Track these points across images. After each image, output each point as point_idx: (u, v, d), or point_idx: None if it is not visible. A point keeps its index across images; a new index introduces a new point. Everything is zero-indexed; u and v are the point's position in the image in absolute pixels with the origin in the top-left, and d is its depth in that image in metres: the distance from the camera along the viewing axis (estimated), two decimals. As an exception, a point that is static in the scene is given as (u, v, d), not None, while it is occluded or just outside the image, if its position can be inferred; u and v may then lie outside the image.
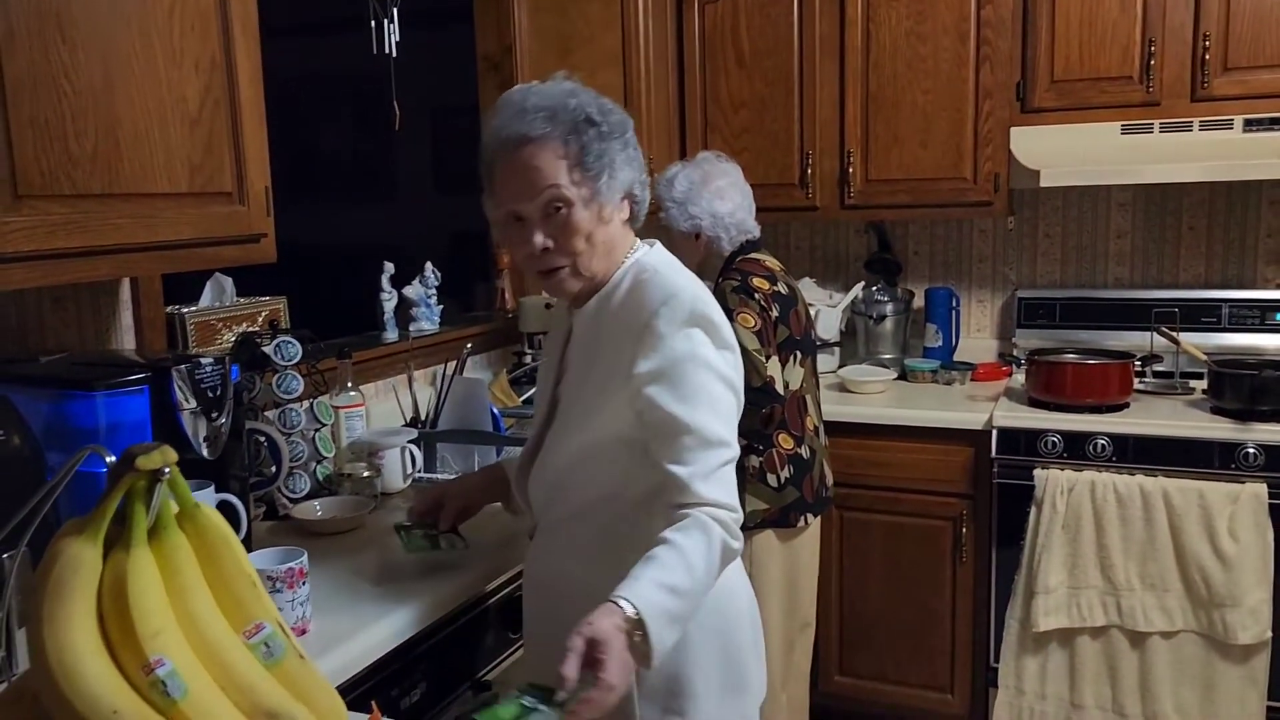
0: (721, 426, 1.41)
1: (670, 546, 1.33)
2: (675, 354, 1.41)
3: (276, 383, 2.05)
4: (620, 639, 1.22)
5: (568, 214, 1.43)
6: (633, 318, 1.45)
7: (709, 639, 1.53)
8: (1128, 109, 2.94)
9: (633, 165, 1.48)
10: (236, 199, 1.72)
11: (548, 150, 1.42)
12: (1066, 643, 2.81)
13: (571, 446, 1.52)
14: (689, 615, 1.34)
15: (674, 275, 1.49)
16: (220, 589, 0.88)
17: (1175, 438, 2.70)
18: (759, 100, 3.31)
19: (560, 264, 1.47)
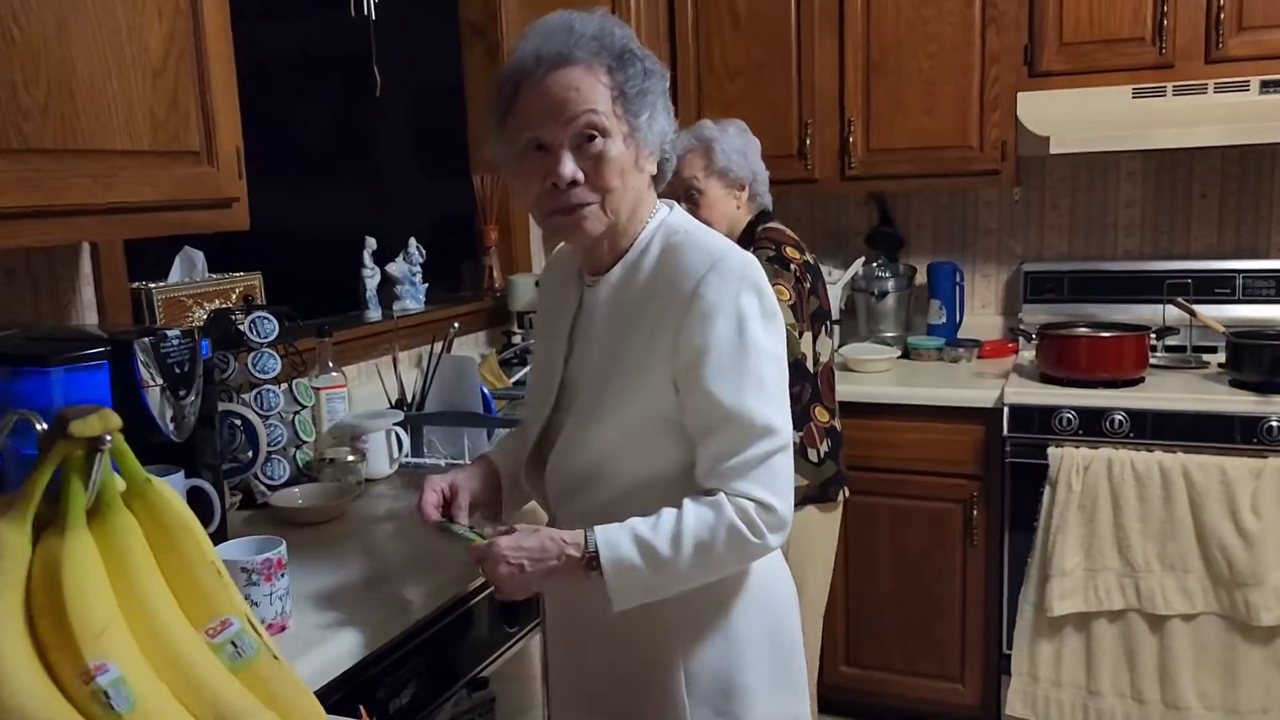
0: (771, 411, 1.29)
1: (670, 512, 1.27)
2: (726, 327, 1.28)
3: (252, 362, 1.91)
4: (554, 546, 1.26)
5: (605, 145, 1.29)
6: (673, 285, 1.30)
7: (759, 635, 1.42)
8: (1139, 72, 2.82)
9: (668, 116, 1.35)
10: (204, 159, 1.57)
11: (591, 75, 1.28)
12: (1083, 627, 2.70)
13: (607, 433, 1.36)
14: (661, 588, 1.28)
15: (711, 237, 1.36)
16: (178, 579, 0.74)
17: (1195, 412, 2.59)
18: (755, 67, 3.18)
19: (587, 200, 1.30)
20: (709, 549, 1.25)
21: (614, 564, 1.25)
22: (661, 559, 1.24)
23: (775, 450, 1.28)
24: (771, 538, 1.28)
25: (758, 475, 1.27)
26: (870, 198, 3.47)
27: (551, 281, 1.54)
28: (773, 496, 1.27)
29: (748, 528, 1.26)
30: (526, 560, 1.27)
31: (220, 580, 0.77)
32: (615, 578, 1.25)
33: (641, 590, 1.27)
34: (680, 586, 1.29)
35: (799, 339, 2.21)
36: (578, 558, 1.26)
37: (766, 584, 1.44)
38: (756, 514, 1.26)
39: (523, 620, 1.81)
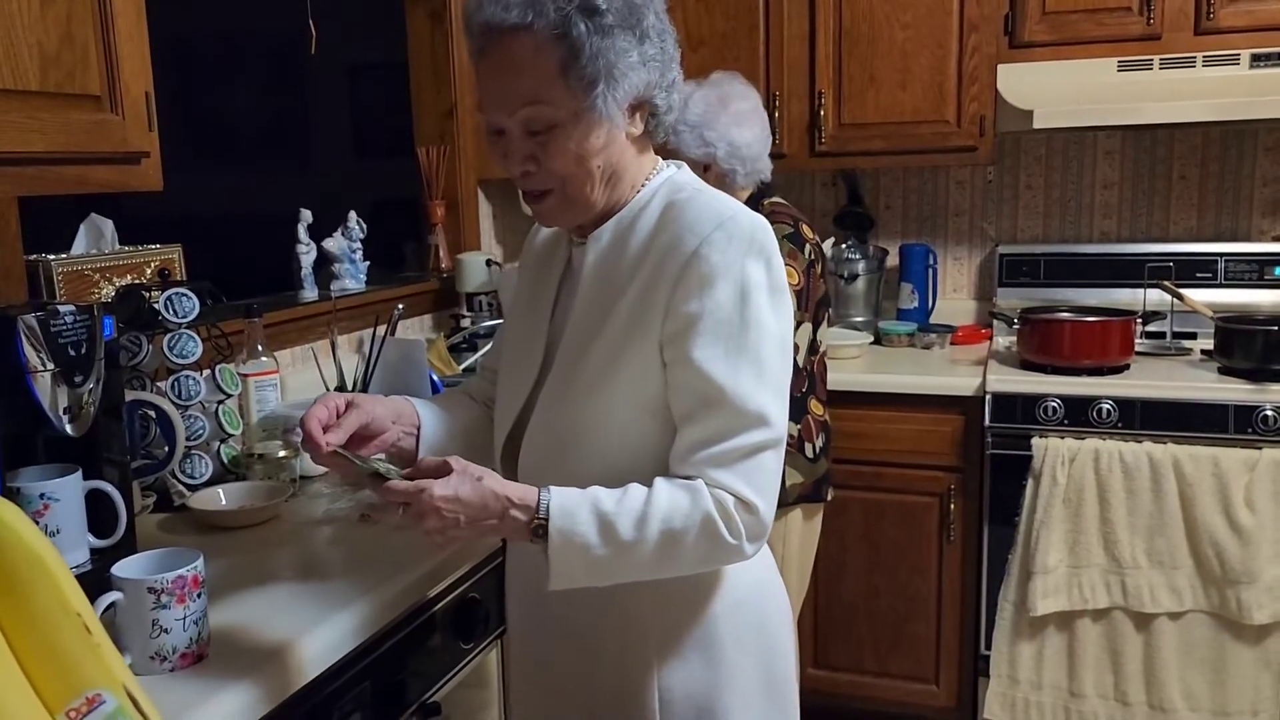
0: (767, 398, 1.10)
1: (639, 489, 1.09)
2: (727, 295, 1.10)
3: (168, 345, 1.68)
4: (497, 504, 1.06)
5: (552, 133, 1.11)
6: (673, 246, 1.12)
7: (746, 654, 1.23)
8: (1126, 43, 2.69)
9: (649, 65, 1.13)
10: (107, 105, 1.34)
11: (528, 45, 1.09)
12: (1065, 627, 2.57)
13: (583, 410, 1.16)
14: (612, 573, 1.10)
15: (721, 197, 1.18)
16: (28, 641, 0.53)
17: (1186, 401, 2.47)
18: (719, 37, 3.00)
19: (546, 187, 1.16)
20: (677, 540, 1.08)
21: (563, 538, 1.07)
22: (621, 541, 1.07)
23: (767, 444, 1.10)
24: (748, 543, 1.11)
25: (743, 468, 1.09)
26: (839, 176, 3.31)
27: (538, 240, 1.35)
28: (757, 496, 1.09)
29: (725, 524, 1.08)
30: (463, 515, 1.07)
31: (86, 641, 0.55)
32: (561, 553, 1.07)
33: (588, 572, 1.10)
34: (634, 575, 1.12)
35: (796, 329, 2.03)
36: (524, 521, 1.08)
37: (757, 596, 1.27)
38: (736, 511, 1.08)
39: (479, 634, 1.61)
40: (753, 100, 2.17)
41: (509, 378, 1.29)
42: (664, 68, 1.15)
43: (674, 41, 1.17)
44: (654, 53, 1.14)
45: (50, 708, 0.53)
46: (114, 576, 1.11)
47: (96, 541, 1.28)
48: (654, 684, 1.21)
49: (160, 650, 1.11)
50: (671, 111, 1.19)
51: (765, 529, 1.12)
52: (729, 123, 2.11)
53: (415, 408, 1.32)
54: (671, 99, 1.18)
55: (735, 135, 2.11)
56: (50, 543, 0.57)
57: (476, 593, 1.58)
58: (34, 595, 0.54)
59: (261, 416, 1.88)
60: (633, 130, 1.16)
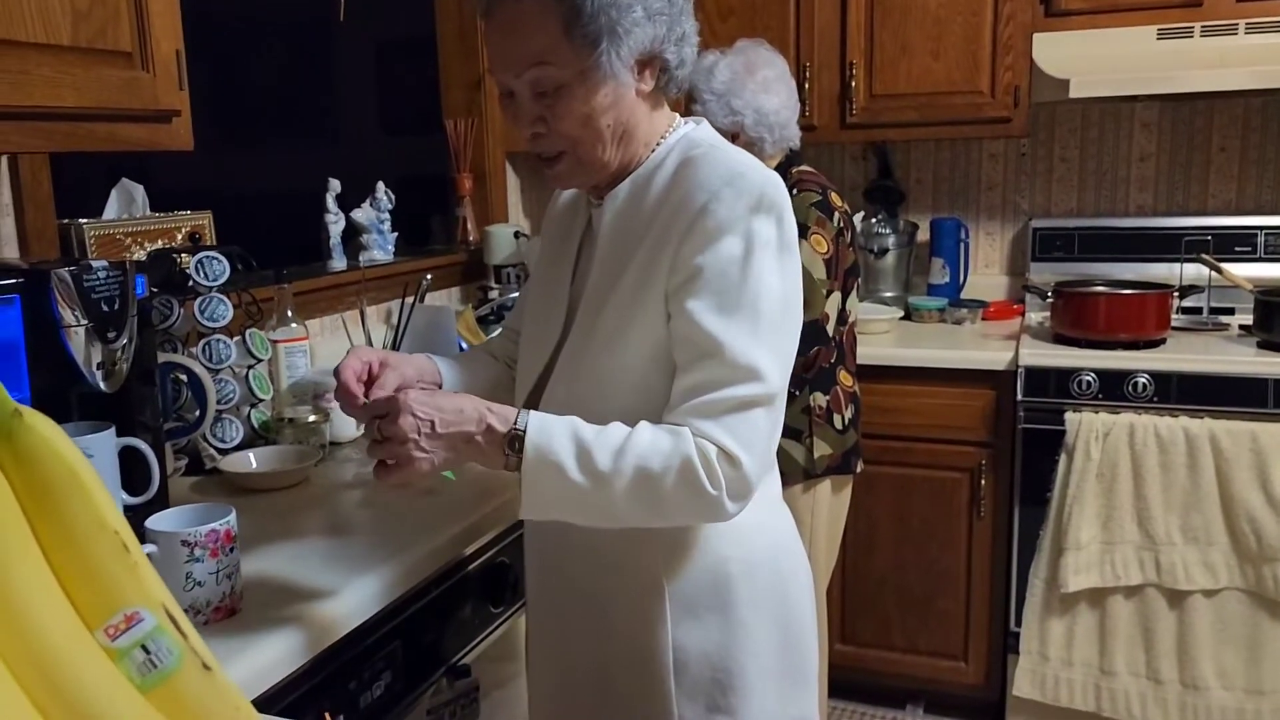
0: (760, 354, 1.07)
1: (620, 425, 1.06)
2: (730, 249, 1.07)
3: (199, 308, 1.68)
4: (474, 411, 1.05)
5: (559, 94, 1.10)
6: (683, 202, 1.11)
7: (764, 619, 1.22)
8: (1165, 10, 2.63)
9: (655, 19, 1.10)
10: (138, 62, 1.34)
11: (530, 6, 1.08)
12: (1097, 604, 2.54)
13: (599, 365, 1.16)
14: (585, 507, 1.07)
15: (736, 153, 1.15)
16: (64, 557, 0.52)
17: (1224, 375, 2.42)
18: (748, 7, 2.96)
19: (556, 149, 1.15)
20: (654, 481, 1.04)
21: (538, 454, 1.04)
22: (596, 470, 1.04)
23: (756, 399, 1.06)
24: (728, 498, 1.06)
25: (729, 421, 1.05)
26: (869, 149, 3.27)
27: (560, 202, 1.34)
28: (741, 449, 1.05)
29: (705, 472, 1.04)
30: (437, 418, 1.05)
31: (125, 558, 0.54)
32: (534, 471, 1.04)
33: (560, 500, 1.07)
34: (610, 515, 1.08)
35: (825, 298, 2.01)
36: (500, 432, 1.05)
37: (776, 560, 1.25)
38: (718, 461, 1.05)
39: (509, 599, 1.60)
40: (779, 67, 2.15)
41: (531, 338, 1.29)
42: (672, 21, 1.13)
43: None
44: (660, 6, 1.11)
45: (88, 624, 0.52)
46: (148, 529, 1.11)
47: (129, 499, 1.28)
48: (668, 643, 1.20)
49: (193, 603, 1.11)
50: (684, 65, 1.16)
51: (749, 486, 1.07)
52: (755, 90, 2.09)
53: (437, 365, 1.32)
54: (683, 52, 1.15)
55: (762, 102, 2.08)
56: (85, 460, 0.56)
57: (506, 557, 1.58)
58: (70, 510, 0.53)
59: (292, 382, 1.88)
60: (643, 87, 1.14)
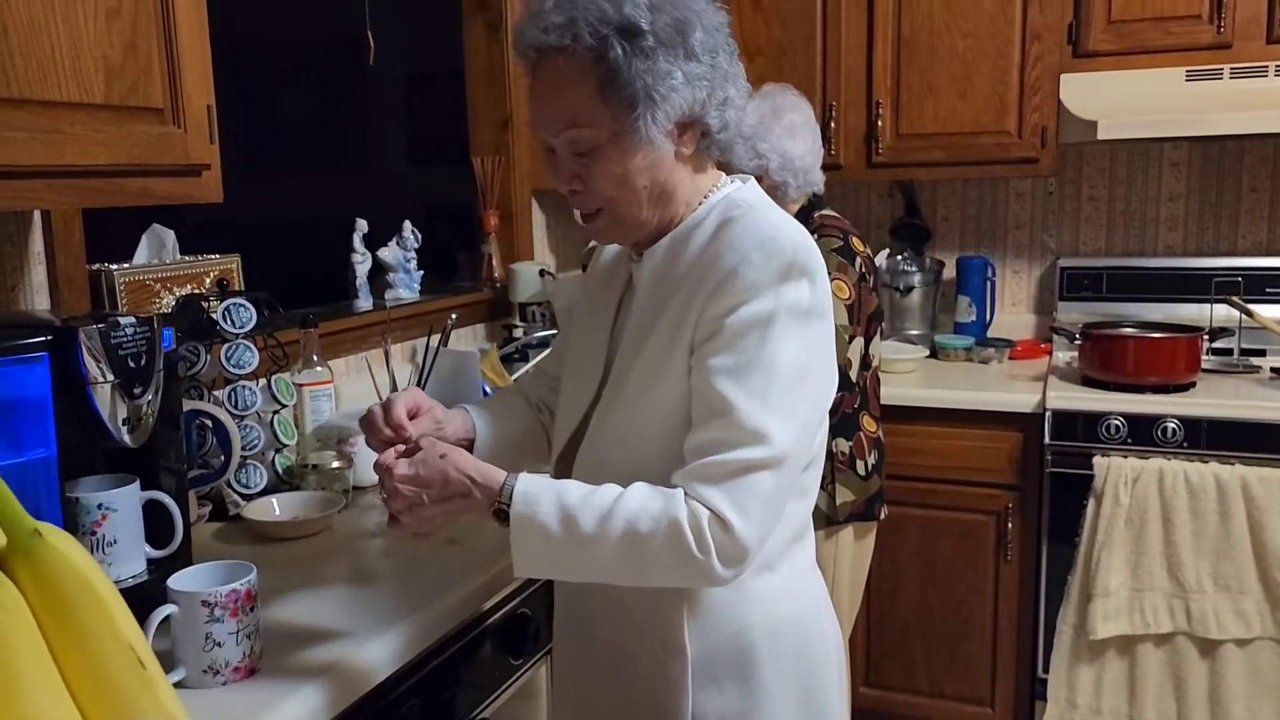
0: (770, 418, 1.06)
1: (612, 487, 1.08)
2: (753, 311, 1.07)
3: (226, 355, 1.69)
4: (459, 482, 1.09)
5: (594, 155, 1.12)
6: (714, 263, 1.11)
7: (787, 687, 1.21)
8: (1194, 52, 2.62)
9: (695, 84, 1.10)
10: (170, 118, 1.35)
11: (569, 68, 1.09)
12: (1126, 651, 2.50)
13: (627, 421, 1.16)
14: (575, 568, 1.11)
15: (772, 214, 1.15)
16: (79, 670, 0.52)
17: (1255, 421, 2.39)
18: (777, 47, 2.97)
19: (593, 207, 1.16)
20: (641, 544, 1.05)
21: (523, 523, 1.08)
22: (582, 535, 1.06)
23: (760, 462, 1.05)
24: (719, 563, 1.05)
25: (729, 485, 1.05)
26: (895, 187, 3.26)
27: (605, 256, 1.35)
28: (736, 515, 1.04)
29: (693, 536, 1.04)
30: (426, 494, 1.10)
31: (138, 672, 0.54)
32: (521, 538, 1.08)
33: (549, 562, 1.11)
34: (603, 573, 1.10)
35: (848, 343, 2.00)
36: (484, 503, 1.09)
37: (802, 627, 1.23)
38: (709, 526, 1.04)
39: (529, 649, 1.60)
40: (805, 112, 2.16)
41: (570, 390, 1.30)
42: (714, 86, 1.12)
43: (729, 57, 1.14)
44: (702, 71, 1.11)
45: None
46: (169, 589, 1.12)
47: (153, 552, 1.29)
48: (687, 708, 1.19)
49: (213, 664, 1.12)
50: (727, 129, 1.16)
51: (743, 551, 1.05)
52: (782, 134, 2.10)
53: (473, 418, 1.34)
54: (726, 116, 1.15)
55: (788, 147, 2.09)
56: (102, 570, 0.56)
57: (527, 608, 1.57)
58: (87, 626, 0.54)
59: (316, 426, 1.89)
60: (683, 150, 1.15)
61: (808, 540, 1.27)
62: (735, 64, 1.15)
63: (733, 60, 1.15)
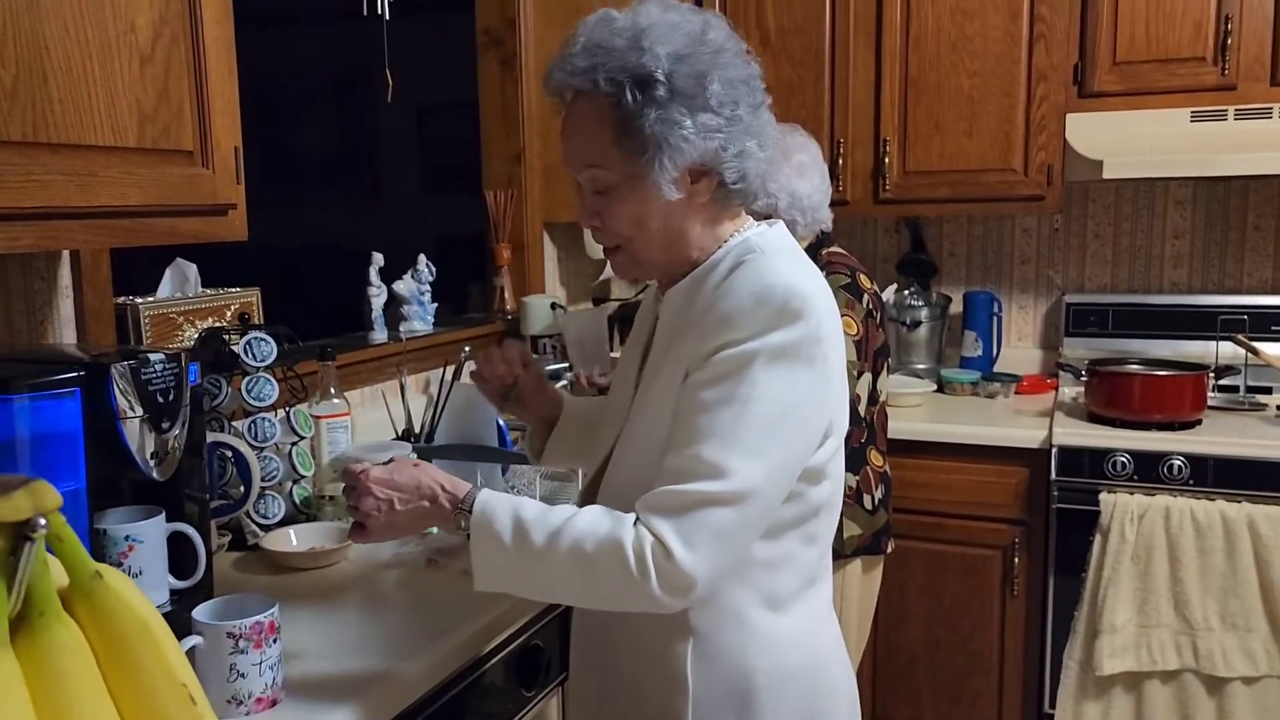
0: (732, 455, 1.08)
1: (568, 508, 1.13)
2: (740, 353, 1.10)
3: (246, 388, 1.72)
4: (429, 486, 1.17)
5: (610, 195, 1.17)
6: (714, 305, 1.15)
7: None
8: (1199, 93, 2.66)
9: (708, 136, 1.13)
10: (199, 160, 1.39)
11: (589, 110, 1.15)
12: (1134, 687, 2.51)
13: (635, 458, 1.21)
14: (527, 583, 1.15)
15: (781, 261, 1.18)
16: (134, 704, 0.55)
17: (1262, 459, 2.41)
18: (785, 85, 3.02)
19: (611, 245, 1.23)
20: (586, 562, 1.09)
21: (480, 530, 1.13)
22: (531, 548, 1.11)
23: (713, 497, 1.07)
24: (660, 589, 1.07)
25: (678, 516, 1.08)
26: (902, 223, 3.30)
27: (649, 292, 1.40)
28: (680, 544, 1.07)
29: (635, 560, 1.07)
30: (396, 497, 1.18)
31: (188, 708, 0.57)
32: (477, 547, 1.14)
33: (503, 574, 1.15)
34: (550, 592, 1.17)
35: (856, 379, 2.03)
36: (448, 508, 1.17)
37: (811, 675, 1.24)
38: (652, 552, 1.07)
39: (541, 681, 1.62)
40: (813, 152, 2.21)
41: (605, 422, 1.35)
42: (729, 139, 1.14)
43: (752, 110, 1.16)
44: (717, 123, 1.13)
45: (157, 774, 0.56)
46: (195, 621, 1.15)
47: (176, 583, 1.32)
48: None
49: (237, 694, 1.14)
50: (745, 179, 1.18)
51: (688, 580, 1.07)
52: (790, 174, 2.14)
53: (564, 401, 1.50)
54: (745, 167, 1.17)
55: (796, 186, 2.13)
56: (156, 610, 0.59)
57: (540, 640, 1.59)
58: (142, 664, 0.56)
59: (333, 458, 1.92)
60: (698, 198, 1.18)
61: (822, 587, 1.27)
62: (759, 116, 1.18)
63: (756, 113, 1.17)
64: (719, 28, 1.16)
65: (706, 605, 1.17)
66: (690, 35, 1.13)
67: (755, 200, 1.24)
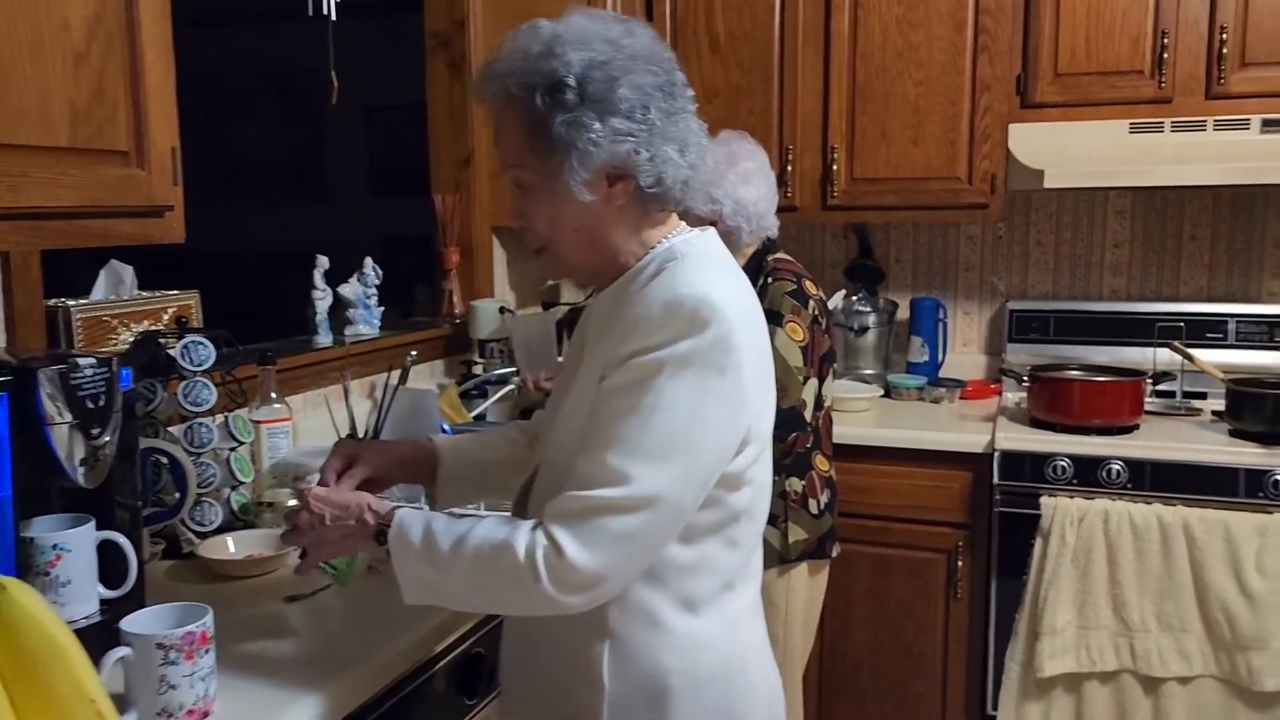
0: (634, 463, 1.09)
1: (472, 518, 1.17)
2: (649, 361, 1.12)
3: (183, 393, 1.69)
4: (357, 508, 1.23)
5: (529, 195, 1.21)
6: (630, 310, 1.16)
7: None
8: (1137, 106, 2.72)
9: (619, 140, 1.14)
10: (134, 160, 1.36)
11: (507, 114, 1.19)
12: (1073, 688, 2.55)
13: (555, 463, 1.23)
14: (442, 591, 1.19)
15: (699, 268, 1.19)
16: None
17: (1197, 464, 2.46)
18: (734, 90, 3.03)
19: (538, 244, 1.25)
20: (486, 568, 1.13)
21: (398, 543, 1.18)
22: (439, 556, 1.15)
23: (615, 505, 1.09)
24: (556, 590, 1.09)
25: (577, 523, 1.10)
26: (850, 229, 3.33)
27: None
28: (576, 547, 1.08)
29: (528, 565, 1.09)
30: (329, 513, 1.24)
31: (103, 725, 0.56)
32: (398, 560, 1.18)
33: (425, 586, 1.18)
34: (462, 599, 1.21)
35: (803, 384, 2.04)
36: (370, 525, 1.22)
37: (724, 680, 1.24)
38: (544, 556, 1.09)
39: (482, 690, 1.60)
40: (759, 160, 2.22)
41: (542, 428, 1.37)
42: (641, 144, 1.15)
43: (666, 115, 1.17)
44: (629, 128, 1.14)
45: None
46: (123, 632, 1.12)
47: (106, 592, 1.28)
48: None
49: (167, 707, 1.11)
50: (661, 184, 1.18)
51: (583, 579, 1.09)
52: (736, 181, 2.15)
53: (436, 448, 1.43)
54: (662, 171, 1.17)
55: (742, 193, 2.14)
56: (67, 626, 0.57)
57: (482, 648, 1.58)
58: (52, 680, 0.55)
59: (273, 463, 1.89)
60: (615, 201, 1.19)
61: (743, 590, 1.27)
62: (676, 122, 1.18)
63: (672, 119, 1.18)
64: (641, 35, 1.18)
65: (622, 607, 1.18)
66: (608, 42, 1.15)
67: (678, 205, 1.25)
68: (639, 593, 1.18)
